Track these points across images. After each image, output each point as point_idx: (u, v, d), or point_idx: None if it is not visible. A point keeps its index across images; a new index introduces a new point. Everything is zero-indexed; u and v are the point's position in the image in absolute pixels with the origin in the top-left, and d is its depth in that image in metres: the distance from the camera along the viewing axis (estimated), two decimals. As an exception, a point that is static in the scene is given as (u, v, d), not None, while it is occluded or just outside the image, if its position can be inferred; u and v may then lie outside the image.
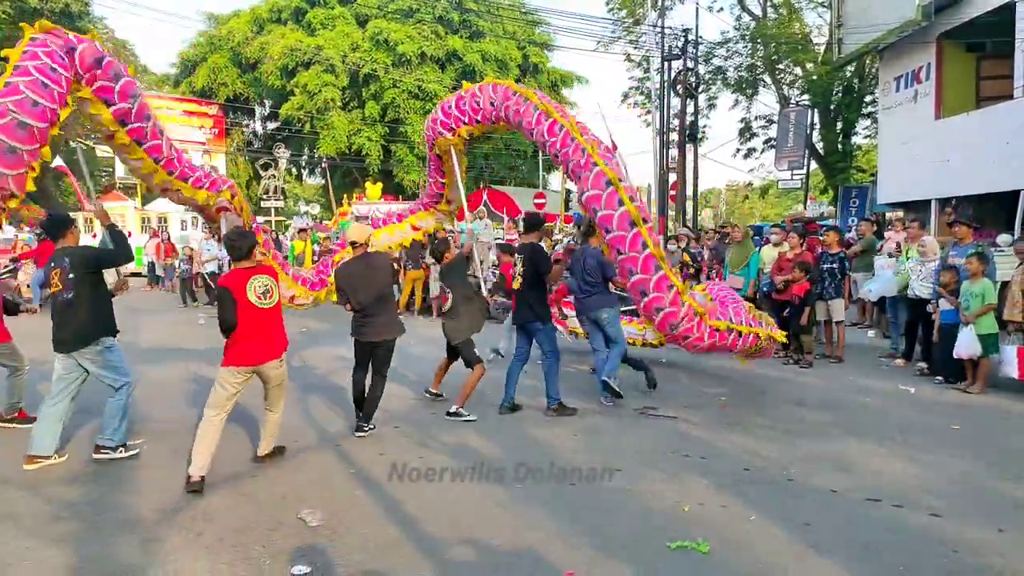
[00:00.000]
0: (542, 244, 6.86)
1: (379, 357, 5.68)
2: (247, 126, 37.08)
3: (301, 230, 15.87)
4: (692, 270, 11.38)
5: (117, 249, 5.06)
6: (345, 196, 23.00)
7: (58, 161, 26.99)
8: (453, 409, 6.03)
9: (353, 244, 5.77)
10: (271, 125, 36.18)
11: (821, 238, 9.70)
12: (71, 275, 4.78)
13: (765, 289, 9.03)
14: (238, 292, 4.53)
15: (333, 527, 3.79)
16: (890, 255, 9.05)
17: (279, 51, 28.83)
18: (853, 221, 19.13)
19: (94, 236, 20.85)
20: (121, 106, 5.22)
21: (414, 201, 8.81)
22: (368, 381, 5.68)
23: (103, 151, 34.25)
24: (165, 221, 24.77)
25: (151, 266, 19.67)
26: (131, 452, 4.96)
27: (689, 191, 22.67)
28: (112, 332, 5.00)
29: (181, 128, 30.98)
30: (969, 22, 15.84)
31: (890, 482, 4.49)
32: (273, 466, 4.78)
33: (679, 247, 11.88)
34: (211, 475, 4.53)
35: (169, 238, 19.89)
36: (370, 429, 5.59)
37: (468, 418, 5.92)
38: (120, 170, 30.64)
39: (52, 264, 4.86)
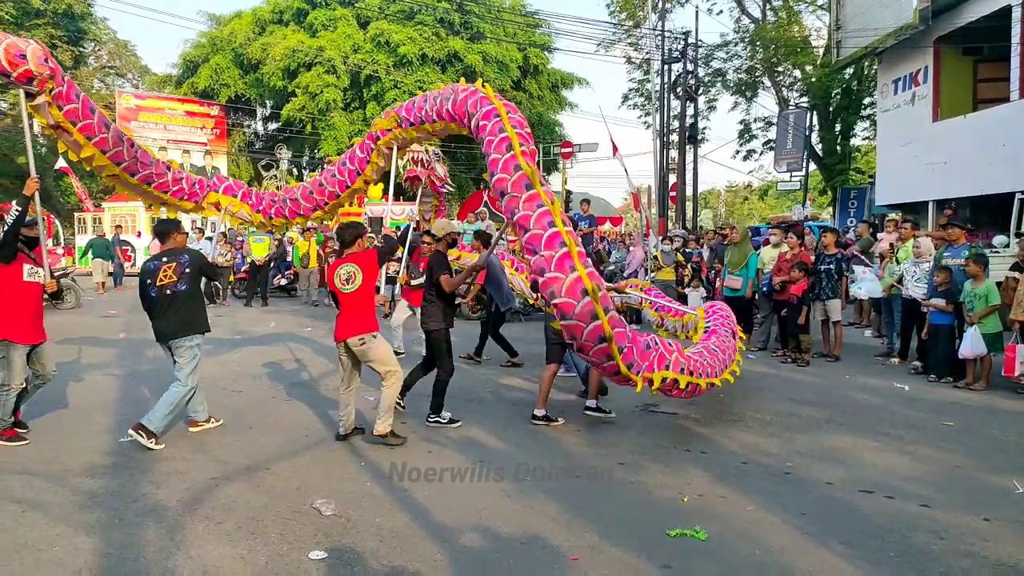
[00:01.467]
0: None
1: (431, 346, 6.02)
2: (249, 127, 37.24)
3: (305, 230, 15.93)
4: (688, 270, 11.57)
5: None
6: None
7: (60, 162, 27.16)
8: (593, 404, 6.07)
9: (433, 238, 6.36)
10: (272, 126, 36.34)
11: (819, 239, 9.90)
12: (188, 270, 5.29)
13: (764, 289, 9.20)
14: (330, 280, 5.35)
15: (347, 516, 3.95)
16: (882, 256, 9.24)
17: (281, 52, 28.98)
18: (852, 222, 19.30)
19: (103, 236, 20.91)
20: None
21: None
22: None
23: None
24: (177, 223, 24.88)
25: None
26: (159, 446, 5.11)
27: (688, 192, 22.85)
28: (205, 331, 5.48)
29: (183, 129, 31.16)
30: (966, 26, 16.00)
31: (883, 474, 4.66)
32: (287, 460, 4.93)
33: (673, 248, 12.05)
34: (229, 468, 4.71)
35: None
36: (435, 421, 5.82)
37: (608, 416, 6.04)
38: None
39: (165, 259, 5.31)
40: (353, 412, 5.48)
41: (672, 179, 22.45)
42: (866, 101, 24.32)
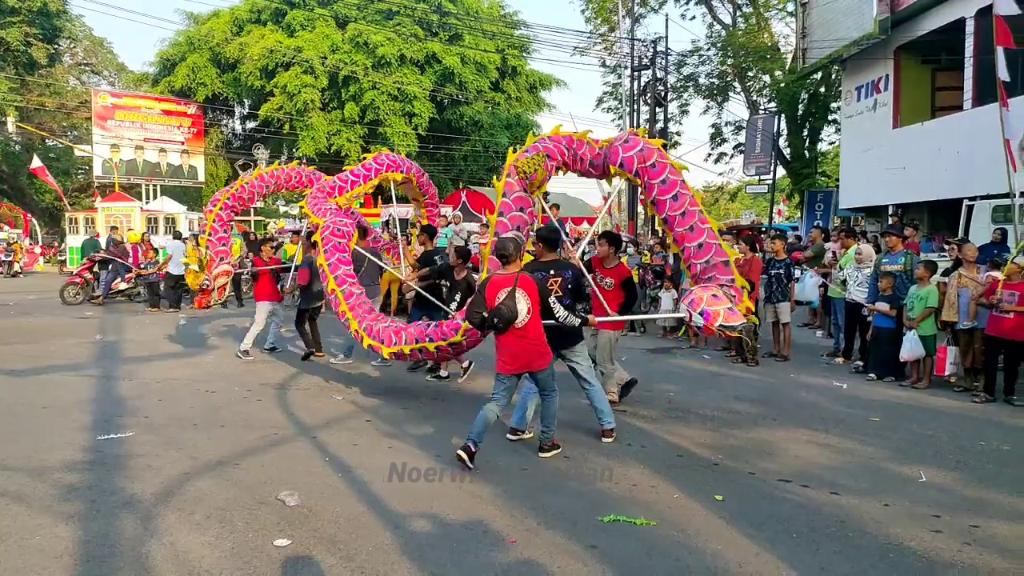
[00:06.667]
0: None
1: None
2: (226, 126, 37.25)
3: (294, 232, 15.85)
4: (650, 273, 12.10)
5: None
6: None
7: (36, 163, 27.07)
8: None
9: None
10: (250, 125, 36.41)
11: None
12: (570, 286, 5.47)
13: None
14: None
15: (309, 506, 4.31)
16: (828, 271, 9.86)
17: (258, 52, 29.10)
18: (819, 224, 19.86)
19: (98, 236, 20.63)
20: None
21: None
22: None
23: (80, 150, 34.29)
24: (173, 222, 24.75)
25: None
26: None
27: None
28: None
29: (159, 128, 31.14)
30: (923, 36, 16.60)
31: (803, 466, 5.10)
32: (255, 456, 5.27)
33: (637, 251, 12.51)
34: (200, 464, 5.04)
35: (148, 238, 19.99)
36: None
37: None
38: (98, 169, 30.69)
39: (552, 272, 5.56)
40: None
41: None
42: (833, 106, 24.99)
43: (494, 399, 5.14)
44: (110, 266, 15.44)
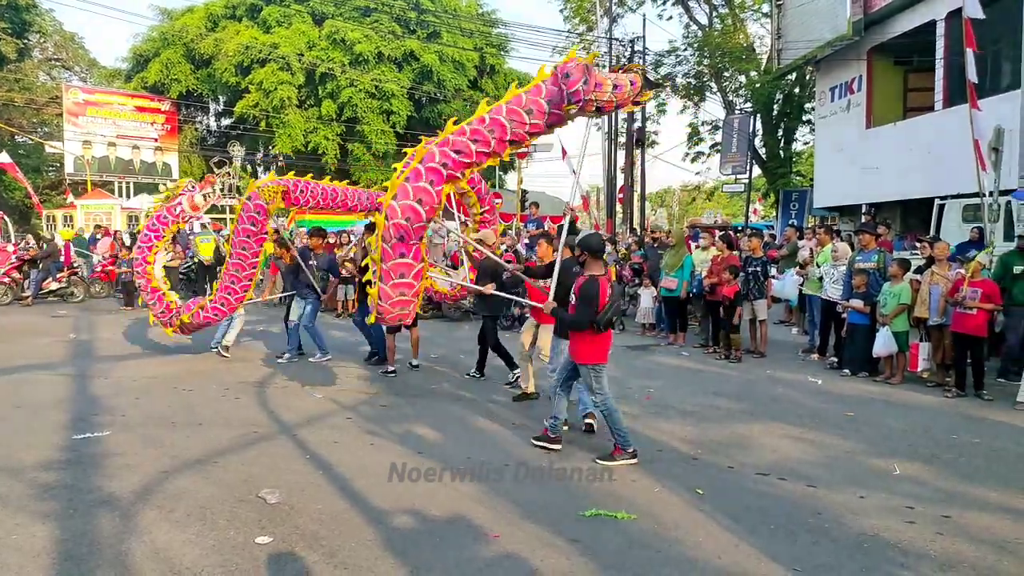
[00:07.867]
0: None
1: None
2: (200, 123, 36.75)
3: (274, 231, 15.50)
4: (628, 270, 12.24)
5: None
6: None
7: (4, 158, 26.50)
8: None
9: None
10: (225, 122, 35.95)
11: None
12: None
13: (695, 291, 9.77)
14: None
15: (291, 503, 4.29)
16: (804, 264, 9.97)
17: (234, 48, 28.77)
18: (793, 223, 20.14)
19: (78, 233, 20.13)
20: None
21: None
22: None
23: (51, 147, 33.62)
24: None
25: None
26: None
27: (636, 194, 23.50)
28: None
29: (132, 124, 30.62)
30: (896, 38, 16.89)
31: (780, 459, 5.19)
32: (235, 454, 5.23)
33: (614, 249, 12.64)
34: (179, 462, 5.00)
35: (121, 236, 19.65)
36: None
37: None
38: (69, 166, 30.11)
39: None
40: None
41: (620, 181, 23.05)
42: (807, 107, 25.31)
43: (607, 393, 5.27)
44: (40, 265, 14.81)
